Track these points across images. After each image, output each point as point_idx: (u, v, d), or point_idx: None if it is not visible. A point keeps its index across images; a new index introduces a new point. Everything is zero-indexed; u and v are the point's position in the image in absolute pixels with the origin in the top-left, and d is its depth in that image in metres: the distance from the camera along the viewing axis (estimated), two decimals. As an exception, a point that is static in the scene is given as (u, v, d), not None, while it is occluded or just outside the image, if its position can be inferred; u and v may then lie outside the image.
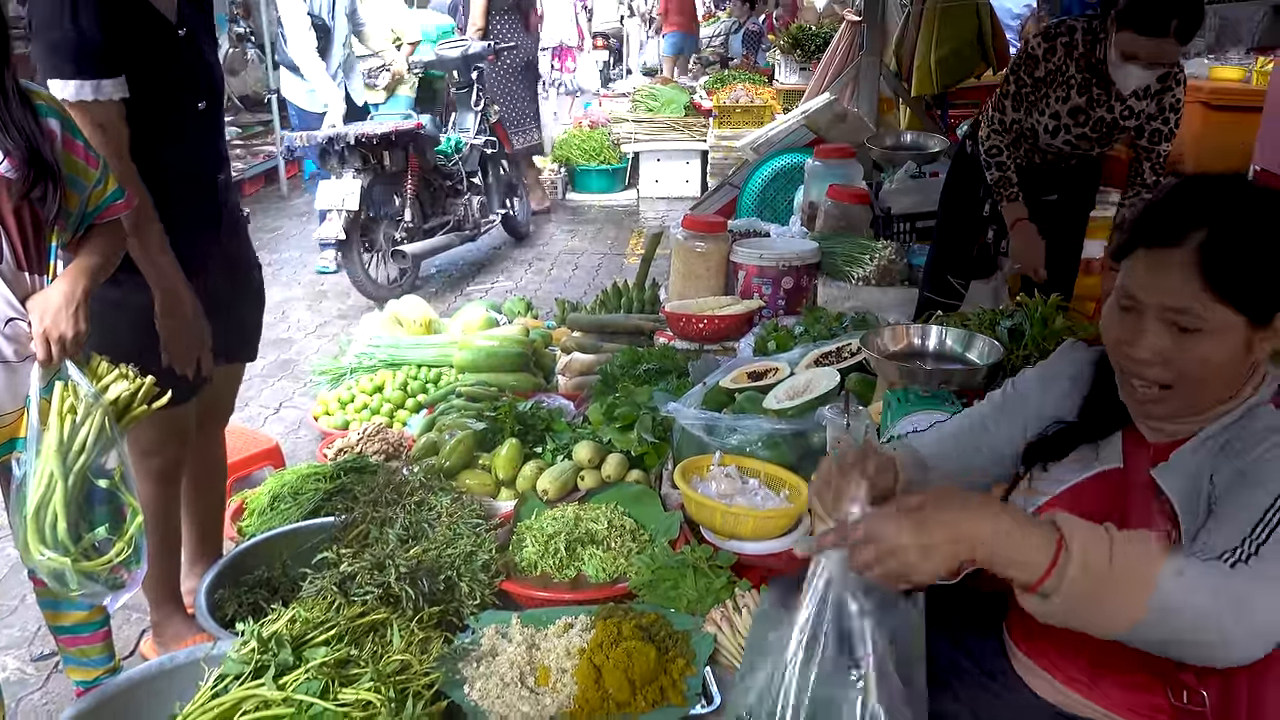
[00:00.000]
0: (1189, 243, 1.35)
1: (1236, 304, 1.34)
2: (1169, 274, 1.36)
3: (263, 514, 3.11)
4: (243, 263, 2.68)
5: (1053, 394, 1.65)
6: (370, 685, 1.98)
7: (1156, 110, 3.31)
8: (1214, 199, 1.39)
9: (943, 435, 1.77)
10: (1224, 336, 1.35)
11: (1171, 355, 1.38)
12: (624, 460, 3.07)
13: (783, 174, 5.61)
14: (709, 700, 2.17)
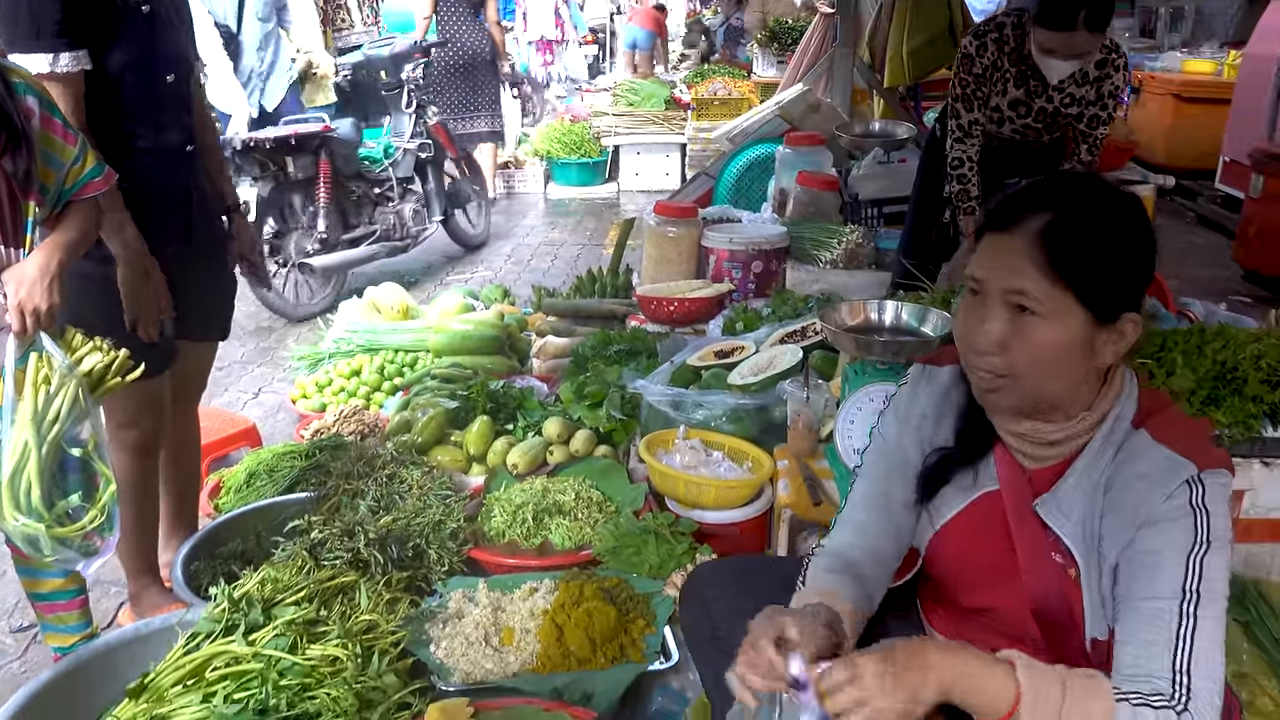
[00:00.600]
0: (1032, 224, 1.36)
1: (1075, 290, 1.35)
2: (1010, 255, 1.37)
3: (239, 491, 3.17)
4: (214, 241, 2.74)
5: (925, 429, 1.62)
6: (337, 642, 2.05)
7: (1095, 96, 3.40)
8: (1063, 190, 1.40)
9: (856, 525, 1.64)
10: (1061, 324, 1.35)
11: (1009, 340, 1.38)
12: (592, 436, 3.15)
13: (757, 163, 5.69)
14: (667, 657, 2.25)
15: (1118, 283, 1.36)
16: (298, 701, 1.96)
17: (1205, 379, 2.82)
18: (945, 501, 1.57)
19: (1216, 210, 7.30)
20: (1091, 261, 1.35)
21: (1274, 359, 2.78)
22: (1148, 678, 1.28)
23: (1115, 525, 1.41)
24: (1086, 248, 1.35)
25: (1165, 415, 1.46)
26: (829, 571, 1.56)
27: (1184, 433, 1.43)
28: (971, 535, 1.56)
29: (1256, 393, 2.77)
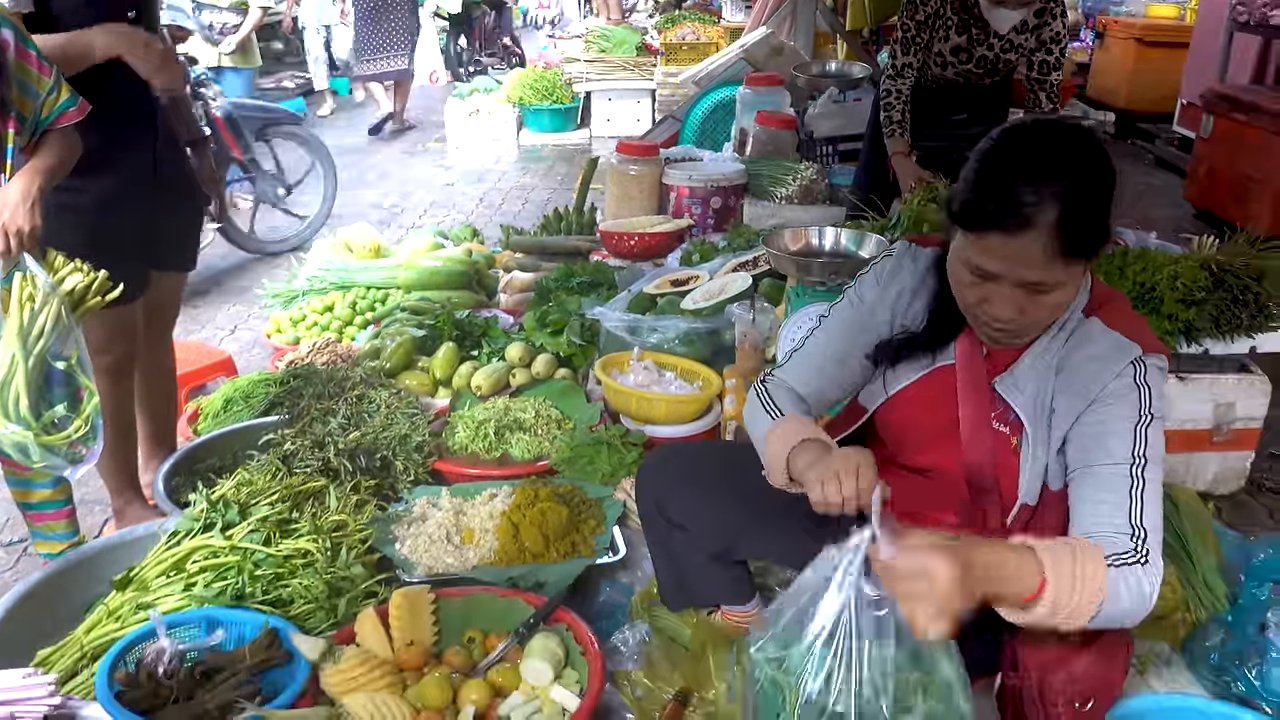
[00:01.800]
0: (1043, 222, 1.43)
1: (1087, 256, 1.50)
2: (1028, 254, 1.45)
3: (217, 416, 3.32)
4: (179, 174, 2.84)
5: (900, 303, 1.75)
6: (308, 537, 2.22)
7: (1037, 44, 3.53)
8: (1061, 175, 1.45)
9: (813, 367, 1.80)
10: (1072, 284, 1.52)
11: (1027, 309, 1.52)
12: (553, 360, 3.31)
13: (722, 106, 5.80)
14: (615, 553, 2.44)
15: (1106, 229, 1.50)
16: (272, 589, 2.15)
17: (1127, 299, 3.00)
18: (902, 370, 1.72)
19: (1173, 152, 7.47)
20: (1098, 233, 1.48)
21: (1189, 279, 2.96)
22: (1109, 534, 1.47)
23: (1067, 402, 1.58)
24: (1094, 225, 1.46)
25: (1115, 306, 1.64)
26: (792, 404, 1.73)
27: (1131, 323, 1.62)
28: (922, 403, 1.73)
29: (1172, 311, 2.96)
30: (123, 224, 2.62)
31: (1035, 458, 1.62)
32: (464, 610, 2.20)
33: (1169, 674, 2.39)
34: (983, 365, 1.68)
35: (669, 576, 2.15)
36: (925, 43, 3.60)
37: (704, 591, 2.15)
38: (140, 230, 2.67)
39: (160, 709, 1.88)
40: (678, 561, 2.09)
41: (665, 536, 2.07)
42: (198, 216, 3.00)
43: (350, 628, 2.10)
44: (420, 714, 1.92)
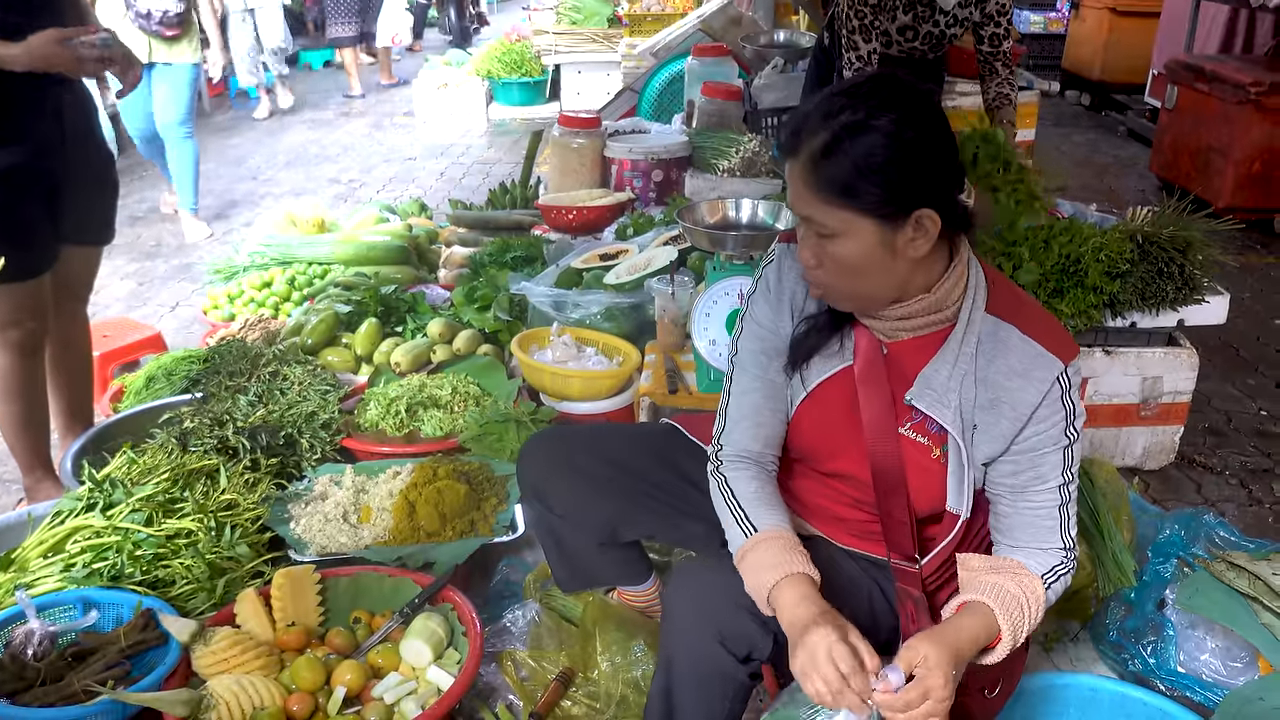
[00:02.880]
0: (804, 151, 1.42)
1: (854, 205, 1.40)
2: (795, 184, 1.45)
3: (138, 393, 3.28)
4: (91, 145, 2.79)
5: (796, 303, 1.67)
6: (192, 517, 2.19)
7: (983, 18, 3.53)
8: (833, 108, 1.41)
9: (750, 421, 1.70)
10: (855, 238, 1.43)
11: (821, 258, 1.48)
12: (475, 335, 3.27)
13: (679, 78, 5.69)
14: (514, 531, 2.40)
15: (896, 187, 1.40)
16: (152, 569, 2.11)
17: (1051, 272, 2.96)
18: (812, 371, 1.66)
19: (1144, 124, 7.40)
20: (855, 175, 1.39)
21: (1114, 251, 2.92)
22: (1044, 552, 1.59)
23: (994, 421, 1.55)
24: (853, 164, 1.39)
25: (1027, 310, 1.58)
26: (761, 502, 1.63)
27: (1047, 327, 1.57)
28: (831, 405, 1.66)
29: (1097, 283, 2.92)
30: (28, 197, 2.57)
31: (961, 466, 1.58)
32: (351, 591, 2.18)
33: (1074, 651, 2.37)
34: (882, 364, 1.61)
35: (559, 562, 2.10)
36: (879, 26, 3.57)
37: (597, 575, 2.12)
38: (47, 203, 2.62)
39: (25, 692, 1.85)
40: (565, 548, 2.05)
41: (549, 524, 2.03)
42: (110, 188, 2.94)
43: (230, 608, 2.07)
44: (291, 695, 1.89)
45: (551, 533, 2.05)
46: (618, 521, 1.96)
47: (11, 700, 1.83)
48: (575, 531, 2.00)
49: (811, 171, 1.42)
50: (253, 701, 1.84)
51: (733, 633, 1.55)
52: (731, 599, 1.56)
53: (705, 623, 1.56)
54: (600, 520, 1.95)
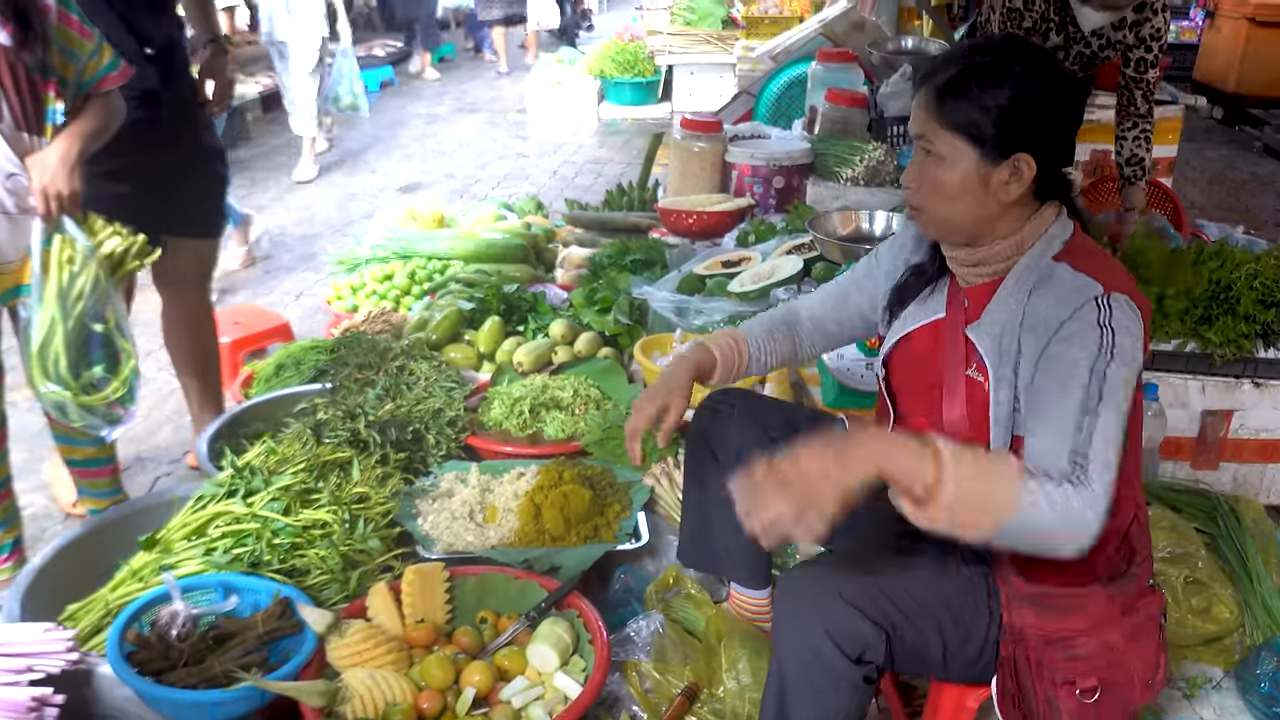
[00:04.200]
0: (936, 80, 1.57)
1: (964, 134, 1.54)
2: (920, 109, 1.60)
3: (268, 381, 3.37)
4: (194, 139, 2.83)
5: (903, 254, 1.86)
6: (328, 508, 2.23)
7: (1136, 41, 3.37)
8: (970, 52, 1.58)
9: (824, 296, 2.03)
10: (955, 164, 1.56)
11: (920, 178, 1.62)
12: (596, 338, 3.27)
13: (798, 82, 5.63)
14: (638, 539, 2.39)
15: (1004, 127, 1.53)
16: (289, 558, 2.16)
17: (1200, 298, 2.83)
18: (906, 318, 1.78)
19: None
20: (976, 109, 1.53)
21: (1270, 279, 2.78)
22: (1043, 459, 1.46)
23: (1031, 343, 1.56)
24: (972, 97, 1.53)
25: (1088, 251, 1.61)
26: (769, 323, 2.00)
27: (1101, 264, 1.58)
28: (918, 353, 1.76)
29: (1249, 312, 2.78)
30: (132, 190, 2.63)
31: (1000, 402, 1.60)
32: (478, 590, 2.19)
33: (1218, 700, 2.26)
34: (961, 313, 1.70)
35: (694, 525, 2.12)
36: None
37: (722, 556, 2.11)
38: (150, 196, 2.67)
39: (169, 671, 1.90)
40: (706, 509, 2.06)
41: (703, 475, 2.04)
42: (216, 182, 2.99)
43: (362, 601, 2.10)
44: (421, 693, 1.91)
45: (703, 487, 2.06)
46: None
47: (156, 679, 1.88)
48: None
49: (938, 97, 1.56)
50: (385, 697, 1.86)
51: (841, 630, 1.56)
52: (840, 597, 1.58)
53: (814, 620, 1.58)
54: None
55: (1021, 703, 1.63)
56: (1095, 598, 1.63)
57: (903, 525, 1.79)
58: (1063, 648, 1.60)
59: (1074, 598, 1.62)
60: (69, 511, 2.98)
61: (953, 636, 1.65)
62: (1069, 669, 1.60)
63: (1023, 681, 1.62)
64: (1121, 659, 1.62)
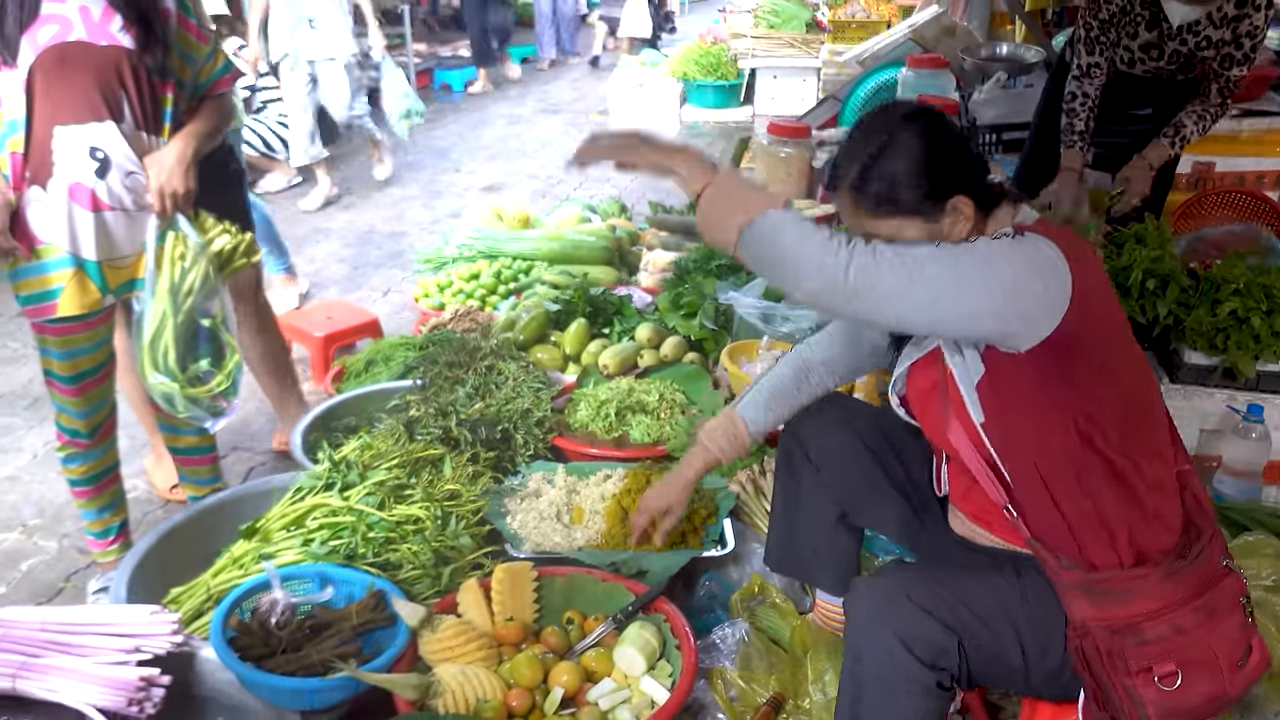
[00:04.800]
0: (847, 181, 1.66)
1: (896, 212, 1.62)
2: (846, 210, 1.70)
3: (358, 376, 3.45)
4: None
5: None
6: (421, 504, 2.27)
7: (1231, 36, 3.25)
8: (857, 141, 1.67)
9: (832, 339, 2.09)
10: (908, 237, 1.62)
11: None
12: (682, 343, 3.28)
13: (886, 88, 5.59)
14: (723, 546, 2.39)
15: (926, 185, 1.61)
16: (383, 552, 2.21)
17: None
18: (905, 355, 1.81)
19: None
20: (892, 187, 1.62)
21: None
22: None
23: None
24: (884, 180, 1.62)
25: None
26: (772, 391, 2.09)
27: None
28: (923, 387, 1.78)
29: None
30: None
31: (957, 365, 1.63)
32: (565, 591, 2.21)
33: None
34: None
35: (782, 529, 2.16)
36: (1113, 40, 3.37)
37: (809, 560, 2.13)
38: None
39: (268, 658, 1.96)
40: (799, 511, 2.10)
41: (797, 477, 2.07)
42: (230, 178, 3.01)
43: (453, 597, 2.14)
44: (510, 690, 1.94)
45: (794, 488, 2.10)
46: (865, 498, 2.01)
47: (256, 664, 1.94)
48: (819, 493, 2.05)
49: (857, 195, 1.65)
50: (476, 692, 1.90)
51: (912, 634, 1.58)
52: (912, 601, 1.61)
53: (884, 623, 1.60)
54: (853, 488, 2.01)
55: (1106, 703, 1.60)
56: (1151, 580, 1.60)
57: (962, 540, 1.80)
58: (1131, 634, 1.57)
59: (1127, 581, 1.60)
60: (167, 497, 3.09)
61: (1031, 644, 1.64)
62: (1141, 655, 1.57)
63: (1098, 675, 1.59)
64: (1199, 640, 1.58)
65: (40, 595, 2.69)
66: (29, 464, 3.30)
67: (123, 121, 2.23)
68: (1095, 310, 1.56)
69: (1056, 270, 1.52)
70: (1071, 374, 1.56)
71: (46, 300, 2.31)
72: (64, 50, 2.15)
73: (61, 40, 2.15)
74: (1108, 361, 1.59)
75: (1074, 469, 1.60)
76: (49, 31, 2.14)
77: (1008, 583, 1.69)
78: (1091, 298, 1.54)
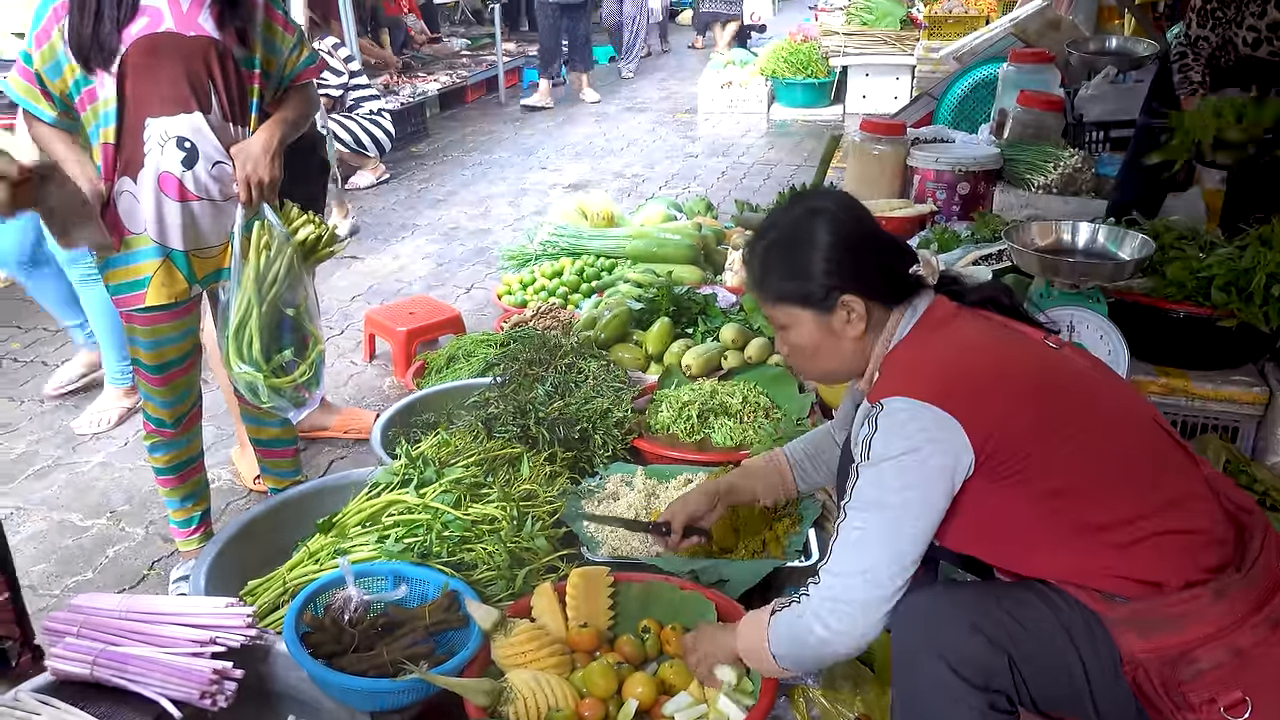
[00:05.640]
0: (750, 265, 1.76)
1: (787, 301, 1.70)
2: (753, 297, 1.81)
3: (440, 371, 3.44)
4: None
5: None
6: (497, 504, 2.22)
7: None
8: (765, 224, 1.77)
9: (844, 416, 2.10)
10: (799, 327, 1.72)
11: (784, 348, 1.80)
12: (767, 344, 3.18)
13: (984, 85, 5.40)
14: (806, 556, 2.29)
15: (815, 282, 1.66)
16: (457, 551, 2.16)
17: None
18: None
19: None
20: (781, 279, 1.70)
21: None
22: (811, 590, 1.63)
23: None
24: (775, 272, 1.70)
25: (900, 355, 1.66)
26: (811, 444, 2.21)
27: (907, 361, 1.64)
28: None
29: None
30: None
31: None
32: (642, 597, 2.14)
33: None
34: None
35: None
36: (1230, 18, 3.17)
37: None
38: None
39: (341, 655, 1.93)
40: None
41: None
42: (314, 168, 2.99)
43: (527, 600, 2.08)
44: (583, 700, 1.87)
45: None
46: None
47: (328, 661, 1.91)
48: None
49: (756, 281, 1.75)
50: (548, 701, 1.83)
51: (959, 655, 1.50)
52: (957, 620, 1.53)
53: (928, 645, 1.53)
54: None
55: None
56: (1203, 600, 1.47)
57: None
58: (1185, 664, 1.46)
59: (1178, 606, 1.47)
60: (251, 487, 3.11)
61: (1093, 661, 1.51)
62: (1200, 687, 1.45)
63: (1161, 711, 1.48)
64: (1264, 658, 1.45)
65: (125, 581, 2.72)
66: (119, 451, 3.36)
67: (210, 112, 2.24)
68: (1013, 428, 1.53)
69: (946, 462, 1.52)
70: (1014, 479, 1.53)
71: (135, 290, 2.33)
72: (154, 41, 2.16)
73: (152, 31, 2.16)
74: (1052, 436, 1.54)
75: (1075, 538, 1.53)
76: (140, 24, 2.15)
77: (1061, 595, 1.56)
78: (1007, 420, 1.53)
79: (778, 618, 1.67)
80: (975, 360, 1.63)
